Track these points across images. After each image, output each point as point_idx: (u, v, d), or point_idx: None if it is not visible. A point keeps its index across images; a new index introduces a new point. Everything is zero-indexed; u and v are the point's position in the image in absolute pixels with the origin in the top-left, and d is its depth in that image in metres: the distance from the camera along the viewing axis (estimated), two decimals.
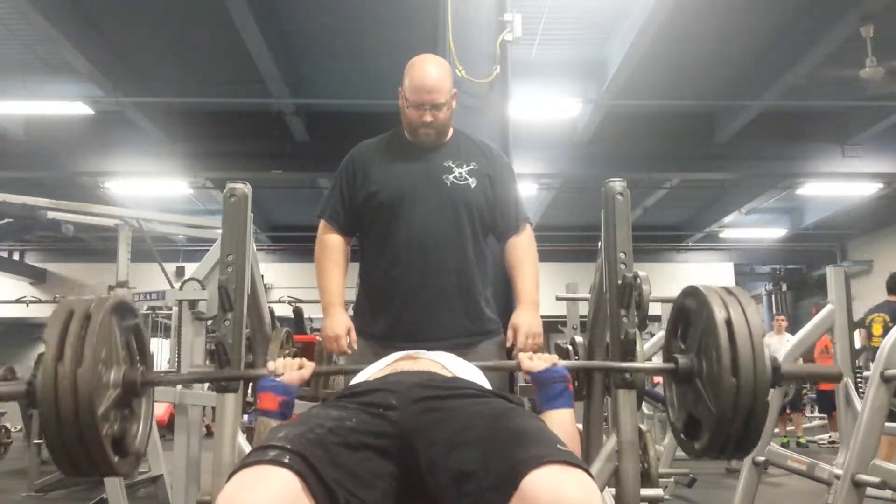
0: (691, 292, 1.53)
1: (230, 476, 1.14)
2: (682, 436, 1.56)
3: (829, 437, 7.86)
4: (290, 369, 1.59)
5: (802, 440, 7.69)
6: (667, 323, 1.61)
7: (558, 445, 1.17)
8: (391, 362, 1.64)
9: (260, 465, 1.12)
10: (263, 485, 1.09)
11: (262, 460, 1.13)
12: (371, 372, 1.62)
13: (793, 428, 8.11)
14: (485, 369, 1.81)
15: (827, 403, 7.51)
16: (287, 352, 2.05)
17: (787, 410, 7.95)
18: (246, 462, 1.15)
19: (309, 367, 1.62)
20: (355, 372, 1.68)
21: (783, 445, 6.89)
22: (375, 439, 1.26)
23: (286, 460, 1.12)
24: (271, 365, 1.60)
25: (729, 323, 1.39)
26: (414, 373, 1.51)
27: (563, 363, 1.60)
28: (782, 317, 8.76)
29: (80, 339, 1.32)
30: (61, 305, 1.38)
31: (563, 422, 1.50)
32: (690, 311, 1.52)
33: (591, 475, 1.12)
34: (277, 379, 1.56)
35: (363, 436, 1.26)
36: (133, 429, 1.51)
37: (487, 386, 1.57)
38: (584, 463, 1.14)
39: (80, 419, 1.29)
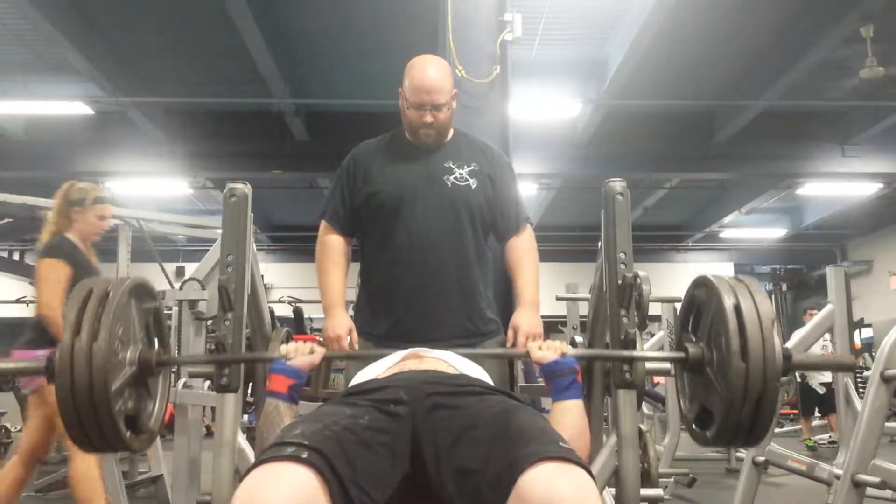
0: (702, 282, 1.51)
1: (248, 472, 1.13)
2: (693, 426, 1.55)
3: (829, 437, 7.83)
4: (301, 354, 1.61)
5: (810, 443, 7.62)
6: (678, 314, 1.60)
7: (559, 443, 1.17)
8: (398, 360, 1.67)
9: (278, 462, 1.12)
10: (281, 481, 1.09)
11: (280, 456, 1.13)
12: (380, 369, 1.64)
13: (799, 427, 8.07)
14: (493, 356, 1.85)
15: (827, 404, 7.47)
16: None
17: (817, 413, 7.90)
18: (264, 458, 1.14)
19: (319, 352, 1.64)
20: (364, 361, 1.70)
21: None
22: (388, 437, 1.27)
23: (304, 456, 1.12)
24: (283, 348, 1.63)
25: (738, 309, 1.38)
26: (421, 371, 1.52)
27: (571, 352, 1.60)
28: (814, 310, 8.65)
29: (97, 315, 1.34)
30: (81, 285, 1.40)
31: (572, 413, 1.51)
32: (701, 301, 1.51)
33: (589, 472, 1.12)
34: (288, 363, 1.58)
35: (377, 433, 1.26)
36: (148, 407, 1.53)
37: (491, 383, 1.58)
38: (582, 460, 1.14)
39: (95, 393, 1.31)
